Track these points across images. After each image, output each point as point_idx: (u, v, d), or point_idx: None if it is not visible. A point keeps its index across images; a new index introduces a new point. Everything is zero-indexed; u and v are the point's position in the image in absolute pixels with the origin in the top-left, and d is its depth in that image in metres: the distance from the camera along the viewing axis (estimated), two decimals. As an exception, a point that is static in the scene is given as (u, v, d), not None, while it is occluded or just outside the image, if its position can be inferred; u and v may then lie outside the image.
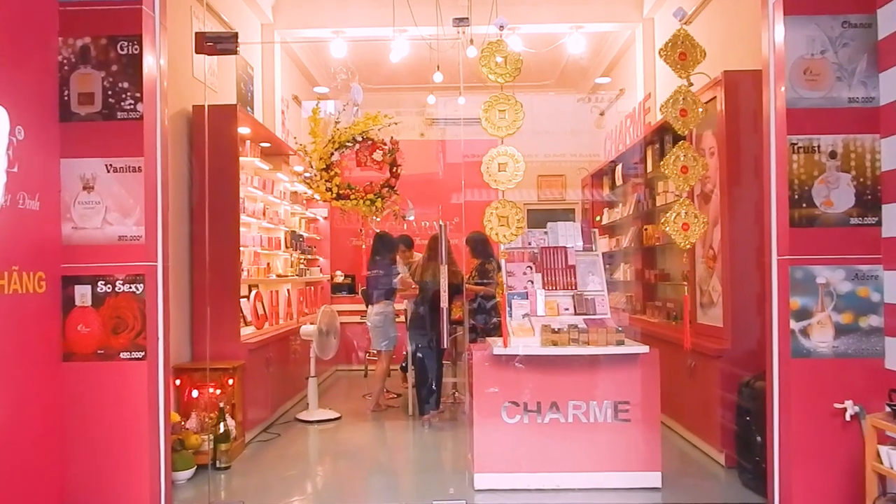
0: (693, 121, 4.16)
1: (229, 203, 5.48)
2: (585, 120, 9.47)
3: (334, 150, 5.55)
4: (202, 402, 5.08)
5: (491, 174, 4.09)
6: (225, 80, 6.28)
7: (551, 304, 4.61)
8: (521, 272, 4.70)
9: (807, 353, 3.73)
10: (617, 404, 4.33)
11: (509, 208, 4.09)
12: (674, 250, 6.58)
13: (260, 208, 6.52)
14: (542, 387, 4.34)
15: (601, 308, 4.64)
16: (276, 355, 6.05)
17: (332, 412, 6.23)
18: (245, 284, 6.12)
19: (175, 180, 5.23)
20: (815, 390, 3.67)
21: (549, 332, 4.28)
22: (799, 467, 3.64)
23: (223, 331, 5.31)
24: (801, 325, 3.76)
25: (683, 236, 4.16)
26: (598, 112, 9.86)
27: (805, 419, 3.66)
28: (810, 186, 3.77)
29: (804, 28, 3.72)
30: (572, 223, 4.97)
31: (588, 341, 4.27)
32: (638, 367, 4.35)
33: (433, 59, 7.15)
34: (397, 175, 5.71)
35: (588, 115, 9.62)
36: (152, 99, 3.91)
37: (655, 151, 6.61)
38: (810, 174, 3.77)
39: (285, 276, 7.10)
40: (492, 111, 4.09)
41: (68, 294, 3.68)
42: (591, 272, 4.79)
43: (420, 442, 5.71)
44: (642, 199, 7.04)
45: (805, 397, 3.72)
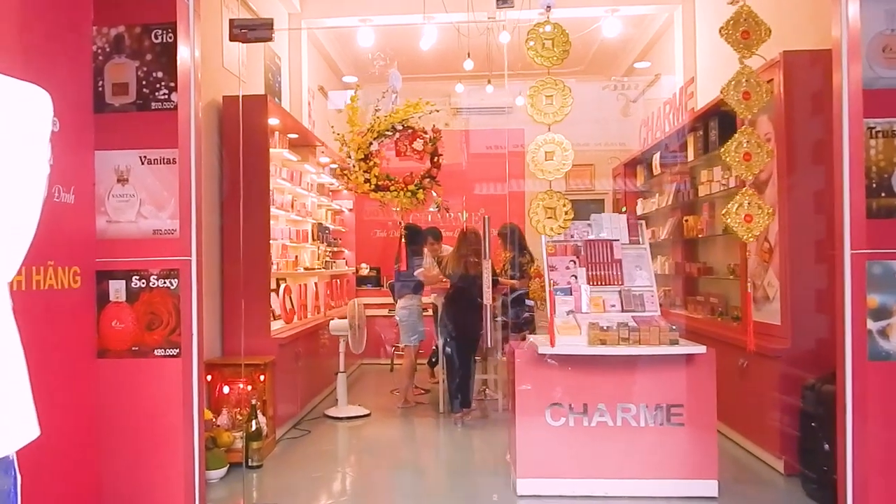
0: (757, 104, 3.95)
1: (259, 195, 5.36)
2: (612, 108, 9.27)
3: (373, 139, 5.38)
4: (233, 398, 4.99)
5: (537, 163, 3.93)
6: (253, 70, 6.16)
7: (597, 300, 4.45)
8: (564, 266, 4.53)
9: (886, 356, 3.45)
10: (669, 407, 4.16)
11: (556, 199, 3.92)
12: (717, 243, 6.40)
13: (288, 200, 6.40)
14: (588, 388, 4.19)
15: (650, 305, 4.47)
16: (305, 350, 5.95)
17: (361, 408, 6.13)
18: (274, 278, 6.02)
19: (206, 172, 5.12)
20: (894, 396, 3.46)
21: (597, 330, 4.12)
22: (876, 478, 3.44)
23: (253, 326, 5.21)
24: (879, 325, 3.49)
25: (746, 228, 3.97)
26: (626, 100, 9.67)
27: (883, 427, 3.44)
28: (890, 174, 3.50)
29: (883, 1, 3.48)
30: (617, 214, 4.80)
31: (639, 340, 4.11)
32: (692, 368, 4.18)
33: (461, 47, 6.98)
34: (439, 165, 5.53)
35: (614, 103, 9.42)
36: (186, 88, 3.78)
37: (698, 139, 6.40)
38: (890, 160, 3.49)
39: (312, 269, 6.99)
40: (538, 97, 3.92)
41: (103, 289, 3.56)
42: (638, 266, 4.62)
43: (453, 441, 5.58)
44: (683, 189, 6.84)
45: (883, 403, 3.46)
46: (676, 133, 6.87)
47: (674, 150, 7.03)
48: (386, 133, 5.43)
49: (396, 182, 5.54)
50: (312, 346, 6.25)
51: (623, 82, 9.39)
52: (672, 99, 7.04)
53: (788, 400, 4.50)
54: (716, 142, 5.99)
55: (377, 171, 5.46)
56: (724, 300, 6.12)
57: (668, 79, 7.90)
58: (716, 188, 6.05)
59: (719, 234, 6.18)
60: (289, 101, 7.02)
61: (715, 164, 6.14)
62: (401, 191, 5.45)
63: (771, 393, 4.68)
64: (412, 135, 5.43)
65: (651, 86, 9.10)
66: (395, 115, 5.41)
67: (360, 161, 5.41)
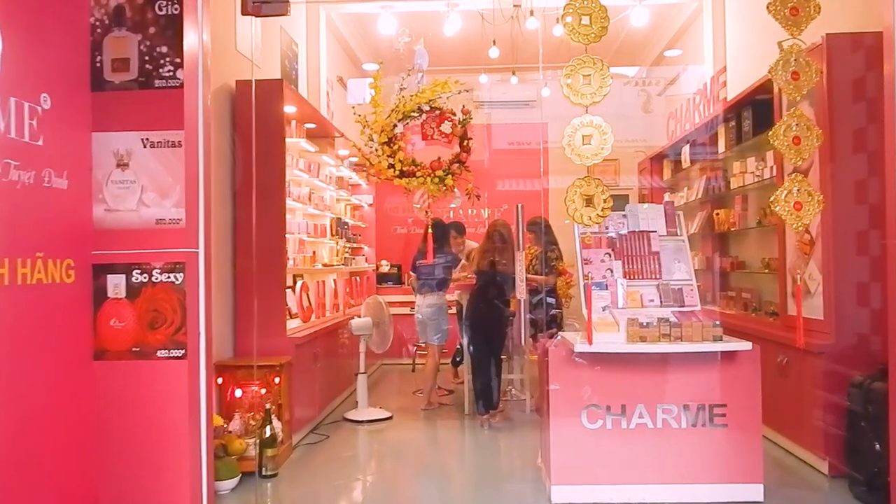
0: (807, 84, 3.54)
1: (275, 186, 5.01)
2: (633, 104, 8.86)
3: (398, 121, 4.93)
4: (246, 402, 4.63)
5: (574, 148, 3.52)
6: (269, 55, 5.81)
7: (634, 294, 4.03)
8: (599, 260, 4.12)
9: None
10: (712, 408, 3.75)
11: (594, 186, 3.51)
12: (750, 236, 5.96)
13: (305, 193, 6.04)
14: (626, 388, 3.78)
15: (690, 299, 4.05)
16: (324, 350, 5.58)
17: (382, 411, 5.73)
18: (290, 274, 5.65)
19: (217, 160, 4.78)
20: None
21: (636, 326, 3.71)
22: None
23: (268, 324, 4.85)
24: None
25: (796, 216, 3.55)
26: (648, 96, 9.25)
27: None
28: None
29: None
30: (654, 205, 4.39)
31: (681, 337, 3.69)
32: (735, 366, 3.77)
33: (486, 36, 6.59)
34: (469, 149, 5.03)
35: (636, 99, 9.00)
36: (194, 65, 3.42)
37: (731, 130, 5.96)
38: None
39: (331, 265, 6.62)
40: (575, 76, 3.51)
41: (100, 284, 3.21)
42: (676, 259, 4.20)
43: (480, 445, 5.17)
44: (714, 182, 6.40)
45: None
46: (707, 124, 6.43)
47: (703, 141, 6.59)
48: (412, 115, 4.96)
49: (423, 167, 5.08)
50: (331, 345, 5.87)
51: (643, 78, 9.00)
52: (702, 89, 6.59)
53: (833, 398, 4.14)
54: (750, 132, 5.57)
55: (402, 155, 5.00)
56: (757, 295, 5.69)
57: (695, 70, 7.46)
58: (749, 180, 5.62)
59: (752, 227, 5.74)
60: (306, 90, 6.66)
61: (748, 155, 5.71)
62: (428, 177, 4.98)
63: (813, 391, 4.29)
64: (440, 116, 4.92)
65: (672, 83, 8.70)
66: (421, 95, 4.93)
67: (383, 145, 4.94)
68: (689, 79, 7.84)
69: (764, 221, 5.40)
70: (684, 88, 7.82)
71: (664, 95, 8.91)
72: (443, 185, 4.92)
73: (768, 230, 5.38)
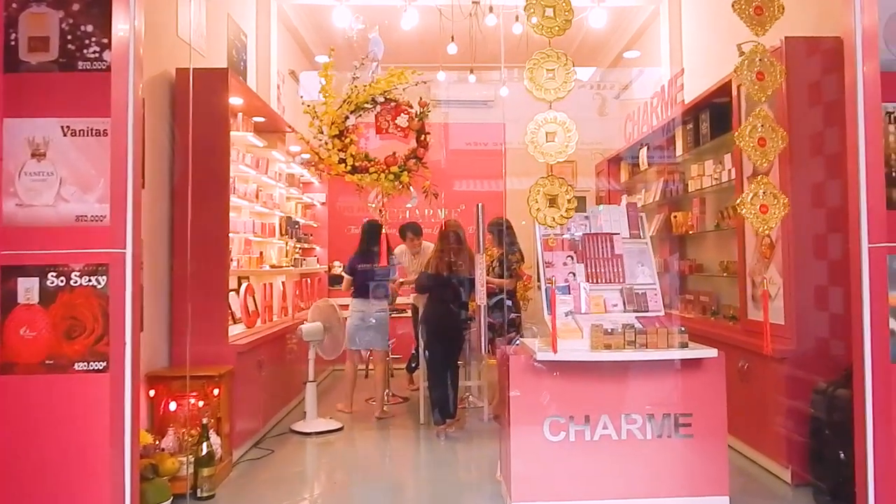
0: (772, 85, 3.39)
1: (218, 182, 4.64)
2: (589, 107, 8.75)
3: (349, 112, 4.57)
4: (182, 415, 4.22)
5: (537, 145, 3.28)
6: (215, 44, 5.42)
7: (597, 299, 3.82)
8: (561, 263, 3.90)
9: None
10: (678, 417, 3.57)
11: (559, 185, 3.28)
12: (708, 239, 5.85)
13: (252, 190, 5.67)
14: (591, 397, 3.57)
15: (654, 304, 3.86)
16: (270, 357, 5.21)
17: (332, 422, 5.39)
18: (234, 276, 5.28)
19: (155, 152, 4.41)
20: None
21: (600, 333, 3.49)
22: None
23: (209, 331, 4.49)
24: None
25: (762, 220, 3.38)
26: (602, 99, 9.18)
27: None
28: None
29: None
30: (617, 206, 4.20)
31: (646, 343, 3.49)
32: (701, 373, 3.59)
33: (443, 33, 6.33)
34: (426, 144, 4.68)
35: (591, 102, 8.91)
36: (124, 46, 3.06)
37: (688, 132, 5.85)
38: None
39: (280, 266, 6.25)
40: (538, 70, 3.28)
41: (9, 288, 2.82)
42: (640, 262, 4.01)
43: (436, 457, 4.88)
44: (672, 185, 6.28)
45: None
46: (665, 127, 6.32)
47: (661, 144, 6.47)
48: (365, 106, 4.60)
49: (377, 163, 4.70)
50: (278, 352, 5.51)
51: (598, 82, 8.93)
52: (660, 92, 6.47)
53: (795, 404, 4.03)
54: (707, 135, 5.47)
55: (354, 149, 4.63)
56: (715, 299, 5.58)
57: (652, 73, 7.36)
58: (707, 183, 5.51)
59: (710, 230, 5.63)
60: (255, 83, 6.27)
61: (706, 158, 5.61)
62: (382, 173, 4.62)
63: (775, 397, 4.17)
64: (395, 109, 4.56)
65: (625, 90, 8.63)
66: (375, 86, 4.57)
67: (334, 138, 4.56)
68: (644, 82, 7.76)
69: (722, 224, 5.29)
70: (640, 93, 7.73)
71: (620, 99, 8.84)
72: (398, 182, 4.54)
73: (726, 233, 5.27)
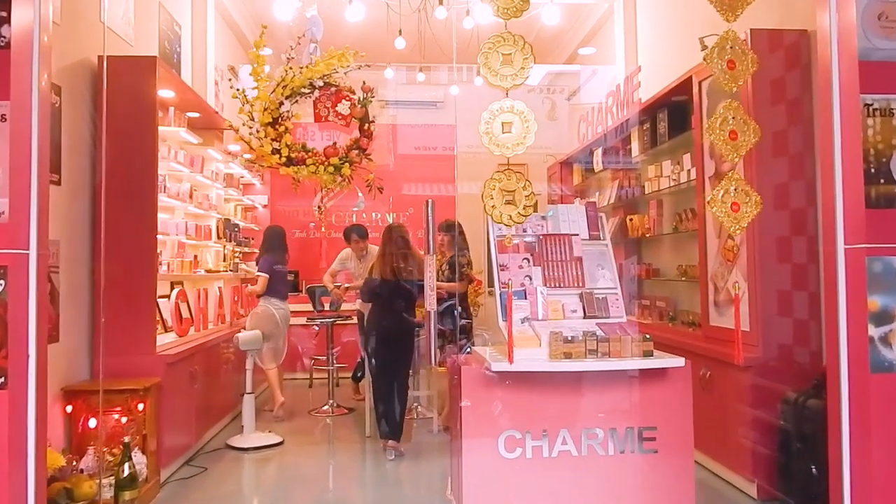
0: (743, 74, 3.18)
1: (144, 179, 4.24)
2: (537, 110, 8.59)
3: (284, 98, 4.17)
4: (104, 432, 3.82)
5: (492, 136, 3.00)
6: (144, 33, 5.00)
7: (555, 304, 3.57)
8: (517, 266, 3.64)
9: (890, 367, 2.81)
10: (641, 431, 3.33)
11: (516, 180, 3.01)
12: (665, 242, 5.70)
13: (186, 189, 5.25)
14: (549, 411, 3.29)
15: (616, 309, 3.63)
16: (204, 368, 4.81)
17: (271, 436, 5.00)
18: (166, 281, 4.86)
19: (74, 147, 3.99)
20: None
21: (560, 341, 3.23)
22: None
23: (134, 340, 4.09)
24: (881, 331, 2.81)
25: (734, 219, 3.18)
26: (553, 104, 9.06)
27: (888, 450, 2.74)
28: (889, 158, 2.86)
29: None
30: (576, 206, 3.97)
31: (609, 352, 3.25)
32: (666, 384, 3.36)
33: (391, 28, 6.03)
34: (370, 134, 4.29)
35: (540, 107, 8.78)
36: (28, 21, 2.67)
37: (645, 133, 5.70)
38: (889, 143, 2.86)
39: (217, 271, 5.84)
40: (493, 55, 3.01)
41: None
42: (600, 265, 3.78)
43: (383, 473, 4.55)
44: (627, 187, 6.12)
45: (888, 422, 2.79)
46: (620, 127, 6.15)
47: (616, 145, 6.32)
48: (302, 91, 4.19)
49: (315, 154, 4.25)
50: (213, 362, 5.10)
51: (547, 86, 8.82)
52: (615, 91, 6.31)
53: (762, 415, 3.85)
54: (665, 134, 5.32)
55: (289, 138, 4.19)
56: (673, 304, 5.43)
57: (604, 73, 7.22)
58: (665, 184, 5.35)
59: (668, 233, 5.48)
60: (191, 77, 5.84)
61: (664, 159, 5.46)
62: (321, 165, 4.20)
63: (740, 407, 3.98)
64: (336, 94, 4.16)
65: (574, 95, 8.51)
66: (313, 69, 4.16)
67: (266, 126, 4.15)
68: (597, 84, 7.61)
69: (680, 227, 5.13)
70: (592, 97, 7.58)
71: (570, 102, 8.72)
72: (339, 175, 4.13)
73: (684, 236, 5.12)
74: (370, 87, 4.14)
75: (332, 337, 6.13)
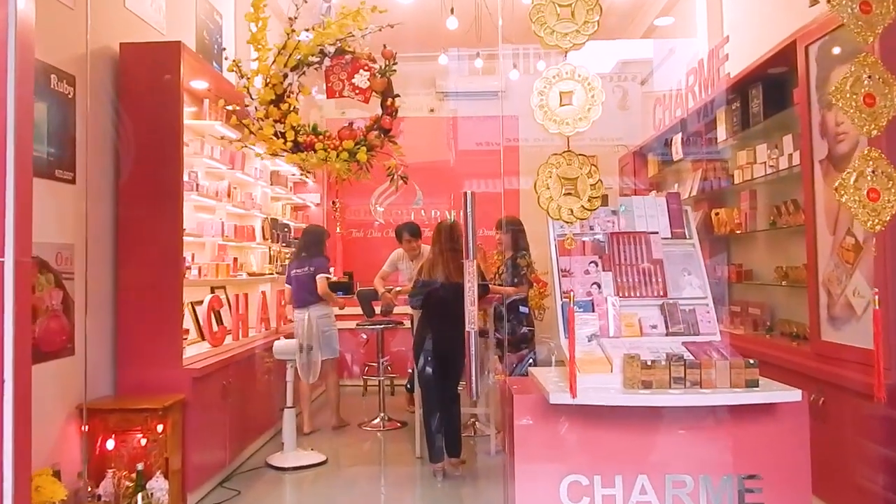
0: (883, 19, 2.38)
1: (168, 176, 3.79)
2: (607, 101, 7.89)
3: (289, 69, 3.38)
4: (125, 454, 3.41)
5: (548, 111, 2.34)
6: (178, 22, 4.58)
7: (630, 318, 2.88)
8: (583, 270, 2.97)
9: None
10: (742, 480, 2.60)
11: (578, 165, 2.34)
12: (758, 240, 4.84)
13: (224, 187, 4.81)
14: (623, 452, 2.62)
15: (706, 324, 2.90)
16: (240, 380, 4.34)
17: (314, 454, 4.49)
18: (203, 287, 4.43)
19: (93, 142, 3.59)
20: None
21: (637, 366, 2.54)
22: None
23: (158, 352, 3.66)
24: None
25: (870, 210, 2.38)
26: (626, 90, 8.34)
27: None
28: None
29: None
30: (654, 198, 3.25)
31: (700, 381, 2.53)
32: (775, 421, 2.62)
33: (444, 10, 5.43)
34: (393, 111, 3.46)
35: (610, 95, 8.06)
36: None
37: (734, 113, 4.85)
38: None
39: (261, 273, 5.38)
40: (548, 7, 2.34)
41: None
42: (686, 270, 3.07)
43: (435, 499, 3.96)
44: (712, 177, 5.29)
45: None
46: (704, 108, 5.32)
47: (699, 129, 5.49)
48: (310, 61, 3.39)
49: (328, 137, 3.45)
50: (252, 373, 4.62)
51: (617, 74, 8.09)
52: (697, 68, 5.47)
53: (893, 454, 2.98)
54: (759, 114, 4.48)
55: (295, 118, 3.41)
56: (769, 311, 4.57)
57: (685, 52, 6.37)
58: (759, 172, 4.51)
59: (763, 230, 4.62)
60: (235, 70, 5.39)
61: (758, 142, 4.60)
62: (333, 150, 3.36)
63: (863, 442, 3.15)
64: (352, 63, 3.38)
65: (646, 81, 7.71)
66: (323, 33, 3.38)
67: (268, 104, 3.52)
68: (673, 65, 6.78)
69: (779, 222, 4.29)
70: (665, 81, 6.78)
71: (644, 89, 7.94)
72: (355, 162, 3.43)
73: (785, 232, 4.27)
74: (392, 52, 3.38)
75: (383, 345, 5.58)
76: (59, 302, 3.27)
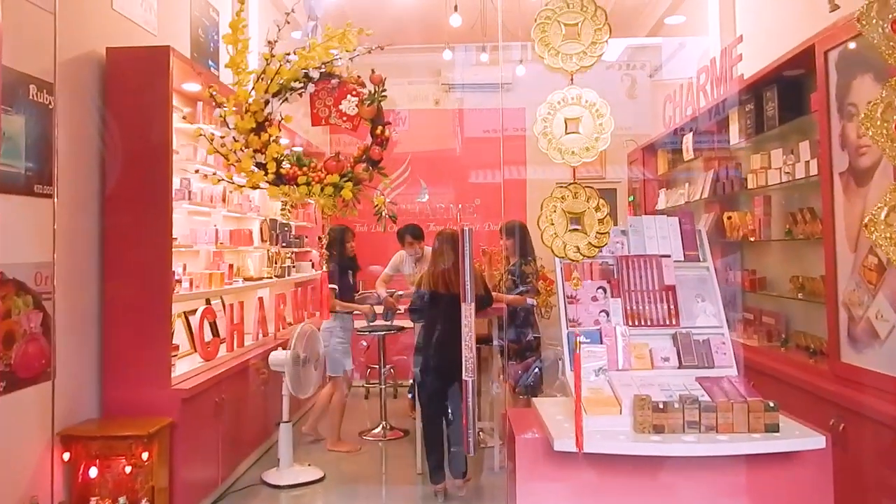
0: (919, 37, 2.12)
1: (156, 187, 3.58)
2: (616, 90, 7.66)
3: (271, 95, 3.12)
4: (110, 481, 3.24)
5: (551, 139, 2.10)
6: (170, 21, 4.34)
7: (640, 349, 2.67)
8: (590, 297, 2.75)
9: None
10: (760, 530, 2.40)
11: (585, 199, 2.10)
12: (773, 247, 4.60)
13: (219, 192, 4.59)
14: (630, 499, 2.42)
15: (722, 356, 2.69)
16: (234, 394, 4.16)
17: (311, 470, 4.31)
18: (198, 299, 4.23)
19: (78, 153, 3.39)
20: None
21: (648, 408, 2.33)
22: None
23: (145, 372, 3.47)
24: None
25: (904, 246, 2.14)
26: (635, 79, 8.10)
27: None
28: None
29: None
30: (666, 217, 3.01)
31: (716, 425, 2.32)
32: (796, 468, 2.41)
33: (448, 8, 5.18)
34: (384, 141, 3.11)
35: (619, 84, 7.83)
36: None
37: (748, 115, 4.59)
38: None
39: (259, 278, 5.18)
40: (552, 26, 2.10)
41: None
42: (699, 296, 2.84)
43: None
44: (724, 178, 5.04)
45: None
46: (716, 108, 5.05)
47: (711, 129, 5.23)
48: (293, 86, 3.11)
49: (312, 169, 3.15)
50: (247, 385, 4.42)
51: (626, 62, 7.86)
52: (710, 66, 5.19)
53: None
54: (775, 117, 4.23)
55: (277, 149, 3.12)
56: (783, 321, 4.34)
57: (696, 45, 6.09)
58: (774, 178, 4.26)
59: (779, 239, 4.38)
60: (230, 70, 5.14)
61: (772, 146, 4.35)
62: (317, 184, 3.07)
63: (887, 473, 2.93)
64: (340, 88, 3.08)
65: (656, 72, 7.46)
66: (308, 55, 3.10)
67: (248, 133, 3.25)
68: (683, 59, 6.50)
69: (795, 231, 4.04)
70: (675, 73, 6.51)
71: (653, 79, 7.69)
72: (339, 197, 3.13)
73: (801, 242, 4.04)
74: (381, 77, 3.04)
75: (385, 351, 5.39)
76: (39, 324, 3.09)
